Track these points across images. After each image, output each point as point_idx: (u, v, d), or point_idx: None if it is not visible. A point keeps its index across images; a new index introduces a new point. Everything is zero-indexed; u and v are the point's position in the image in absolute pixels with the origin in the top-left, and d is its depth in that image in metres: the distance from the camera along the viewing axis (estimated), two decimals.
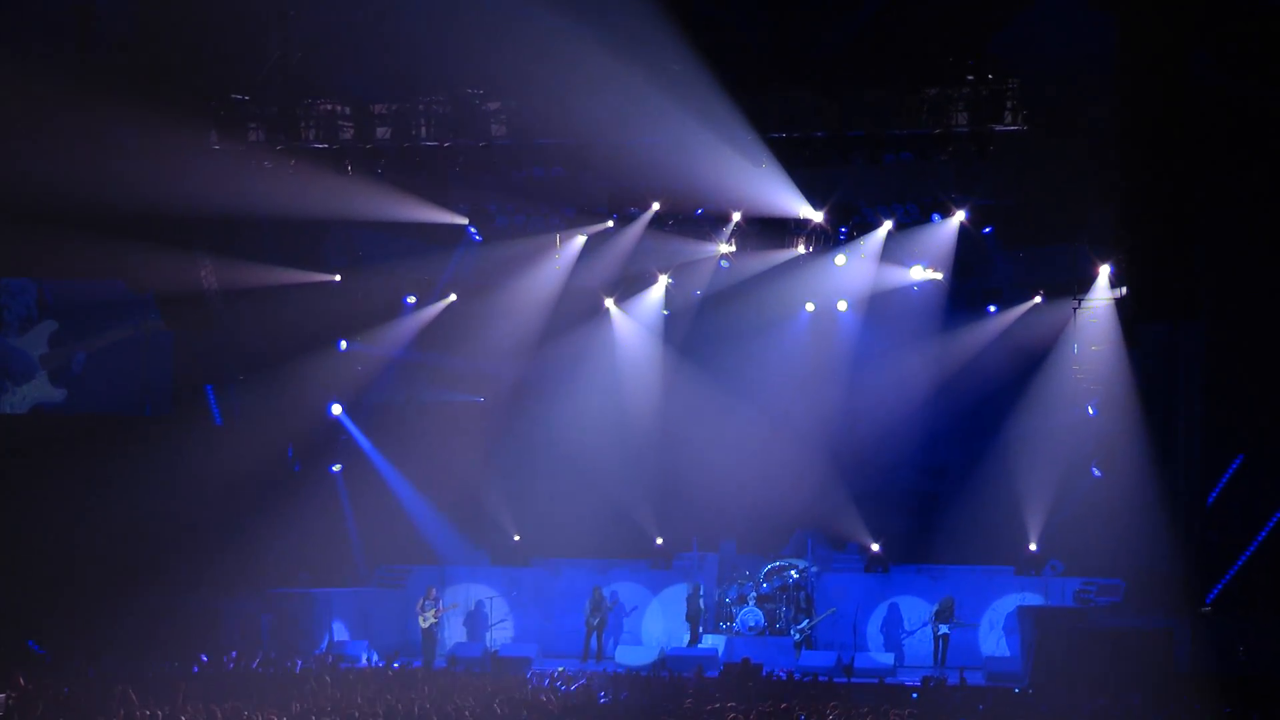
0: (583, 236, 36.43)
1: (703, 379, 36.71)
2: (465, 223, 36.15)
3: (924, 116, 31.88)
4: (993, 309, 36.26)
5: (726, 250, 36.00)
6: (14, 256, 35.49)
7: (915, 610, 35.18)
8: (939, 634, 34.10)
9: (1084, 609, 33.20)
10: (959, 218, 34.41)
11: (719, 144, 32.13)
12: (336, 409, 37.95)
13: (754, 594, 35.38)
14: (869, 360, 36.82)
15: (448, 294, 37.83)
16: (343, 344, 37.53)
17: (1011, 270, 36.24)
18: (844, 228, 35.59)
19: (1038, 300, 35.66)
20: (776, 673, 30.91)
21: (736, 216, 35.23)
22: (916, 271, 35.69)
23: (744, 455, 36.12)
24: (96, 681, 29.35)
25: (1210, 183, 30.53)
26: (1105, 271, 34.01)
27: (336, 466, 38.15)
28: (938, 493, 36.69)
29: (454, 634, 36.54)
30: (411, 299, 38.14)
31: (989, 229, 34.81)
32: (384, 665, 33.45)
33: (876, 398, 36.72)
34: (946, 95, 31.78)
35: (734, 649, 33.94)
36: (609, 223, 36.03)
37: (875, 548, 36.20)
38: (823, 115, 32.38)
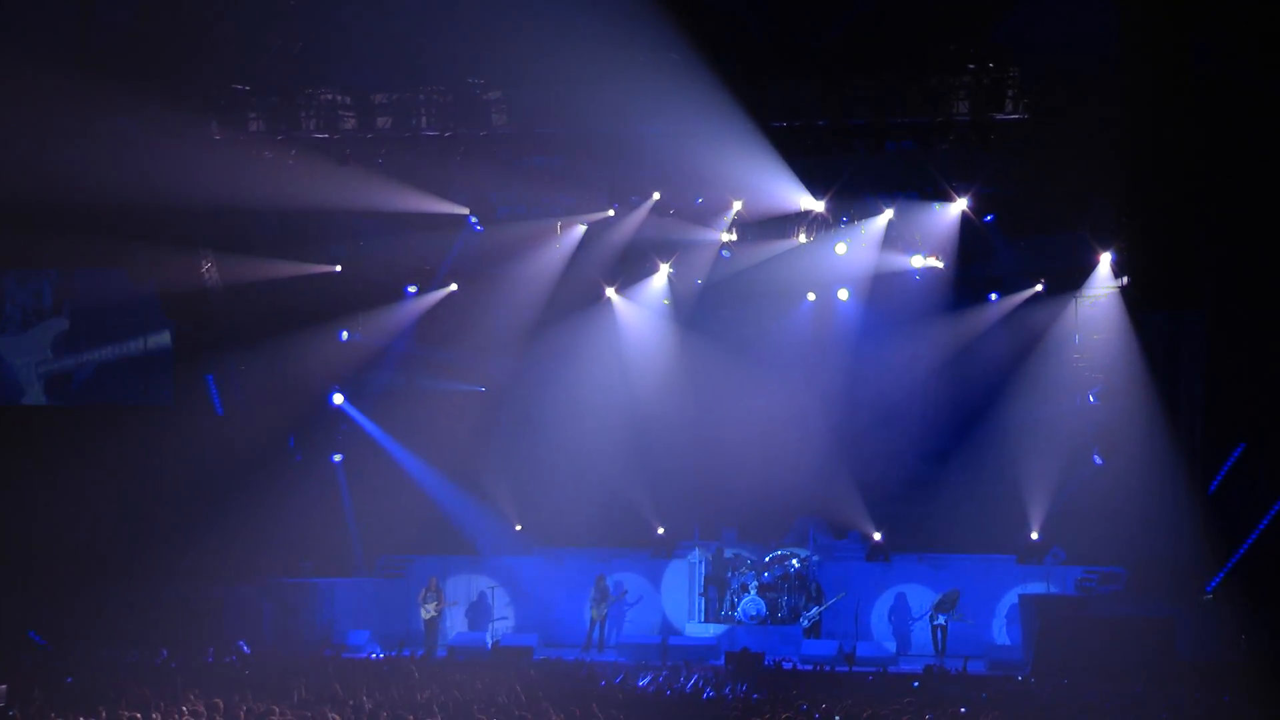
0: (583, 225, 36.39)
1: (704, 367, 36.67)
2: (466, 212, 36.12)
3: (925, 105, 31.87)
4: (994, 297, 36.23)
5: (727, 239, 35.96)
6: (19, 248, 35.49)
7: (918, 598, 35.18)
8: (936, 624, 34.12)
9: (1086, 597, 33.21)
10: (960, 206, 34.38)
11: (720, 133, 32.09)
12: (338, 398, 37.96)
13: (755, 583, 35.38)
14: (870, 348, 36.80)
15: (448, 283, 37.80)
16: (344, 334, 37.52)
17: (1013, 258, 36.20)
18: (845, 216, 35.54)
19: (1039, 288, 35.63)
20: (780, 663, 30.96)
21: (737, 205, 35.20)
22: (918, 260, 35.63)
23: (746, 443, 36.11)
24: (97, 672, 29.42)
25: (1212, 171, 30.48)
26: (1107, 259, 34.02)
27: (338, 456, 38.15)
28: (939, 480, 36.61)
29: (455, 624, 36.55)
30: (412, 288, 38.11)
31: (990, 217, 34.78)
32: (386, 656, 33.51)
33: (877, 385, 36.74)
34: (948, 84, 31.78)
35: (736, 638, 33.94)
36: (610, 211, 35.98)
37: (877, 536, 36.20)
38: (824, 104, 32.37)
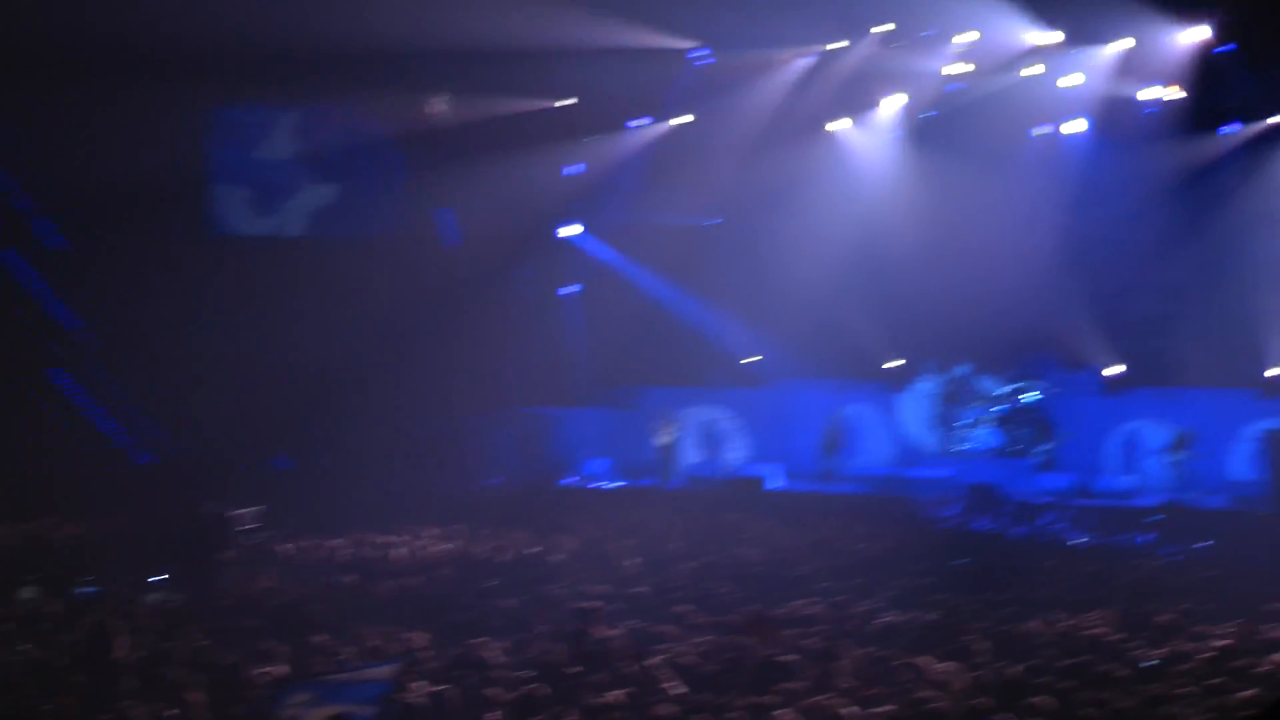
0: (812, 57, 36.19)
1: (935, 200, 36.41)
2: (697, 44, 36.07)
3: None
4: (1232, 128, 35.45)
5: (958, 70, 35.53)
6: (257, 86, 36.23)
7: (1154, 434, 34.94)
8: (1175, 460, 33.87)
9: None
10: (1200, 33, 33.59)
11: None
12: (570, 230, 38.37)
13: (990, 416, 35.41)
14: (1103, 180, 36.28)
15: (678, 115, 37.85)
16: (573, 167, 37.83)
17: (1253, 88, 35.34)
18: (1077, 46, 34.91)
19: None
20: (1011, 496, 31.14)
21: (969, 36, 34.74)
22: (1152, 90, 34.94)
23: (980, 276, 35.85)
24: (344, 499, 30.49)
25: None
26: None
27: (571, 288, 38.61)
28: (1176, 314, 36.17)
29: (689, 455, 37.08)
30: (641, 121, 38.22)
31: (1230, 45, 33.95)
32: (622, 486, 34.23)
33: (1111, 219, 36.26)
34: None
35: (971, 470, 34.05)
36: (842, 43, 35.71)
37: (1112, 370, 35.94)
38: None
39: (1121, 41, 34.33)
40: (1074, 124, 36.09)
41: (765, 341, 38.03)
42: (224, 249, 38.12)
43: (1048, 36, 33.89)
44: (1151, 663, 16.12)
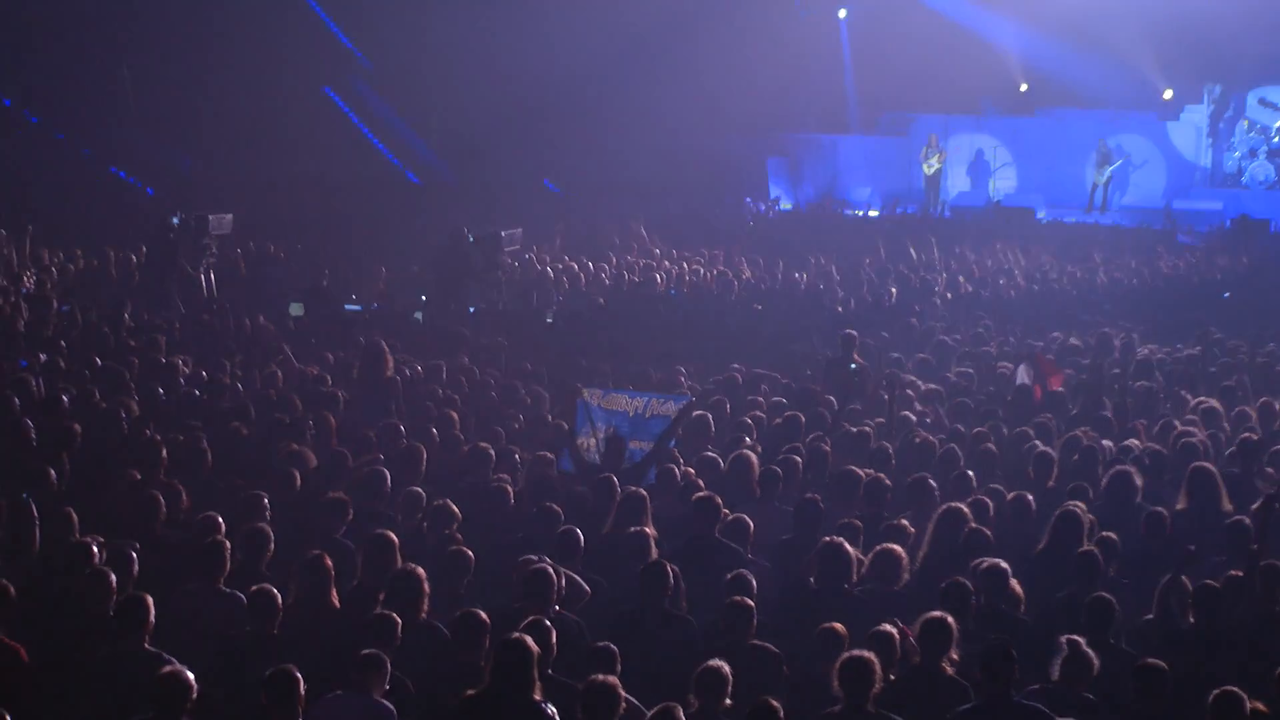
0: None
1: None
2: None
3: None
4: None
5: None
6: None
7: None
8: None
9: None
10: None
11: None
12: None
13: (1265, 148, 34.35)
14: None
15: None
16: None
17: None
18: None
19: None
20: None
21: None
22: None
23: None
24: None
25: None
26: None
27: (842, 12, 37.83)
28: None
29: (956, 183, 36.72)
30: None
31: None
32: (885, 212, 34.14)
33: None
34: None
35: (1240, 204, 33.20)
36: None
37: None
38: None
39: None
40: None
41: (1037, 67, 36.86)
42: None
43: None
44: None
